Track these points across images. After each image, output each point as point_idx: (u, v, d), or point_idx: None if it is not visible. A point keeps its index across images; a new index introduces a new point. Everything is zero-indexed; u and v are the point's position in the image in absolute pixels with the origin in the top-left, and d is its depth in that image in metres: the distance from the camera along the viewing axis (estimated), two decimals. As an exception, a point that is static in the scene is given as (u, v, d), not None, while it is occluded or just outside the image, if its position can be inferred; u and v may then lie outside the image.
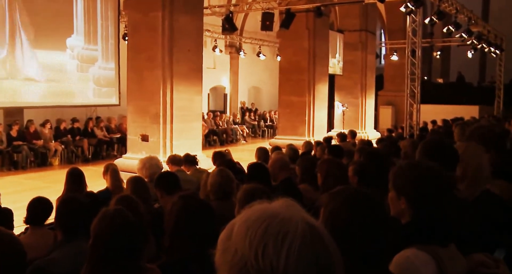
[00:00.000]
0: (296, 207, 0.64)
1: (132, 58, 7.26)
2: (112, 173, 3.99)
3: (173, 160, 4.74)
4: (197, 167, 4.95)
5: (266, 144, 11.43)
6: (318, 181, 2.90)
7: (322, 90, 10.81)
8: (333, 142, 7.72)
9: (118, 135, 10.81)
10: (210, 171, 3.83)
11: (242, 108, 17.58)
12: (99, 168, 5.14)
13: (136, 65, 7.18)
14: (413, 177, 1.32)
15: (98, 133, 10.55)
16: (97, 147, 10.38)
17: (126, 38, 9.04)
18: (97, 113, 11.76)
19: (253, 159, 5.36)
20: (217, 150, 5.33)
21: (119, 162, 6.99)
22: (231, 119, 15.13)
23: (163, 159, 6.43)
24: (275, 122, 16.29)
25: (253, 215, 0.61)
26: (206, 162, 6.29)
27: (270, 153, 5.38)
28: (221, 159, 4.56)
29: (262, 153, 5.25)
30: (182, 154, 5.04)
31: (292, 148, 5.60)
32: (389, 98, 17.03)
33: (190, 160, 4.91)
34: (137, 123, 7.22)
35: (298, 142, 8.51)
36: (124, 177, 4.43)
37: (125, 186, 3.45)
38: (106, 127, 11.00)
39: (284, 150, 5.57)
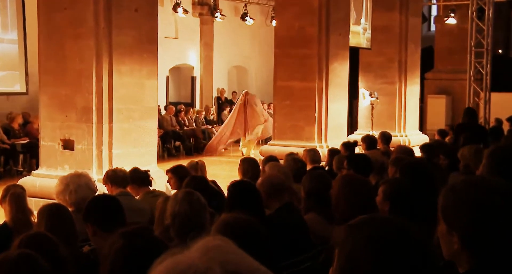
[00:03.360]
0: (220, 248, 0.69)
1: (46, 21, 7.20)
2: (14, 199, 3.94)
3: (114, 177, 4.73)
4: (151, 188, 4.95)
5: (256, 153, 11.46)
6: (333, 208, 2.92)
7: (339, 72, 10.89)
8: (357, 150, 7.77)
9: (25, 141, 10.72)
10: (170, 194, 3.81)
11: (219, 99, 17.61)
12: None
13: (53, 32, 7.13)
14: (469, 202, 1.31)
15: (-6, 138, 10.47)
16: (-9, 158, 10.32)
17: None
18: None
19: (235, 176, 5.36)
20: (182, 162, 5.31)
21: (26, 181, 6.91)
22: (202, 115, 15.17)
23: (97, 176, 6.37)
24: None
25: None
26: (163, 181, 6.27)
27: (261, 167, 5.40)
28: (187, 176, 4.57)
29: (249, 166, 5.28)
30: (127, 169, 5.03)
31: (294, 160, 5.65)
32: (443, 84, 17.22)
33: (140, 178, 4.91)
34: (56, 123, 7.18)
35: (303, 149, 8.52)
36: (35, 205, 4.39)
37: (35, 220, 3.41)
38: (5, 128, 10.83)
39: (282, 162, 5.60)
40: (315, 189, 3.56)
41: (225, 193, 3.87)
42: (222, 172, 10.47)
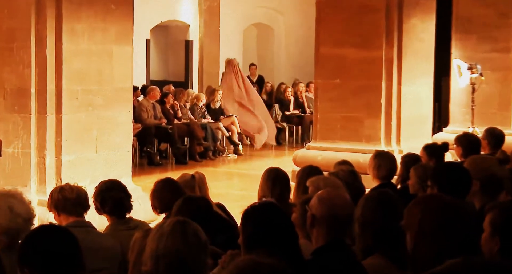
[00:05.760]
0: None
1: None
2: None
3: (62, 201, 4.78)
4: (128, 215, 5.01)
5: (288, 161, 11.40)
6: (408, 248, 2.92)
7: (421, 33, 10.80)
8: (448, 157, 7.67)
9: None
10: (152, 224, 3.82)
11: (228, 75, 17.60)
12: None
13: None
14: None
15: None
16: None
17: None
18: None
19: (253, 197, 5.37)
20: (170, 174, 5.31)
21: None
22: (202, 102, 15.14)
23: (37, 197, 6.42)
24: (307, 111, 16.36)
25: None
26: (142, 204, 6.29)
27: (295, 183, 5.42)
28: (180, 197, 4.59)
29: (276, 181, 5.34)
30: (86, 185, 5.06)
31: (349, 173, 5.65)
32: None
33: (112, 199, 4.96)
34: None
35: (362, 156, 8.46)
36: None
37: None
38: None
39: (326, 174, 5.62)
40: (378, 218, 3.54)
41: (238, 223, 3.88)
42: (232, 190, 10.51)
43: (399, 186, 6.47)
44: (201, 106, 15.02)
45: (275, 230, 3.36)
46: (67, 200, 4.76)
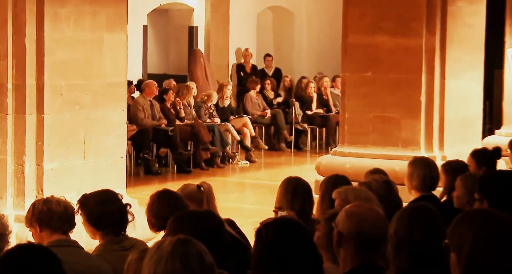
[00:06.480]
0: None
1: None
2: None
3: (47, 214, 4.79)
4: (123, 232, 5.02)
5: (310, 170, 11.39)
6: (452, 268, 2.92)
7: (468, 17, 10.77)
8: (502, 165, 7.65)
9: None
10: (150, 243, 3.83)
11: (240, 68, 17.56)
12: None
13: None
14: None
15: None
16: None
17: None
18: None
19: (268, 212, 5.39)
20: (170, 185, 5.32)
21: None
22: (212, 101, 15.09)
23: (15, 212, 6.45)
24: (332, 110, 16.37)
25: None
26: (139, 218, 6.30)
27: (318, 195, 5.42)
28: (181, 212, 4.60)
29: (296, 193, 5.34)
30: (73, 198, 5.06)
31: (382, 183, 5.67)
32: None
33: (110, 214, 4.99)
34: None
35: (398, 163, 8.45)
36: None
37: None
38: None
39: (356, 185, 5.63)
40: (414, 237, 3.53)
41: (251, 242, 3.89)
42: (244, 203, 10.52)
43: (444, 198, 6.45)
44: (209, 104, 14.94)
45: (294, 250, 3.35)
46: (53, 212, 4.75)
